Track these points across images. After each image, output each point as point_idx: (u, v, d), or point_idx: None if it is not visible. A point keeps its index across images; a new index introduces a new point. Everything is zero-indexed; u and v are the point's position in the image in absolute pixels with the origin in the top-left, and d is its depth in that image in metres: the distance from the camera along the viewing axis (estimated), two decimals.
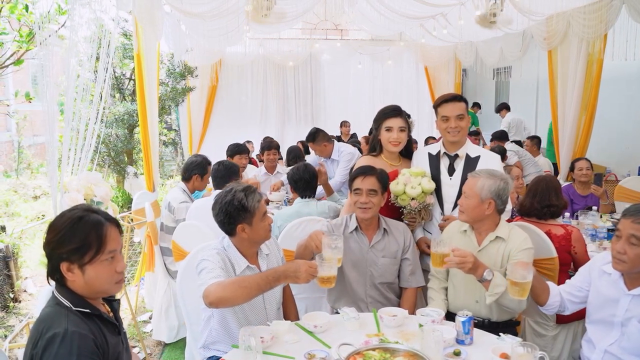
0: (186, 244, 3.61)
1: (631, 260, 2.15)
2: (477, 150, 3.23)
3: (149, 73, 4.73)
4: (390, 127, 3.27)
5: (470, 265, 2.45)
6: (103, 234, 1.76)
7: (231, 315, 2.49)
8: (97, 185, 3.36)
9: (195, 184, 4.33)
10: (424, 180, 3.10)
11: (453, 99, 3.14)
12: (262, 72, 10.62)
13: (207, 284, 2.26)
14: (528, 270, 2.25)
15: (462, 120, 3.10)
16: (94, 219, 1.77)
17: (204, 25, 6.05)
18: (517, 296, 2.29)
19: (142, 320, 4.70)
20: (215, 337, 2.54)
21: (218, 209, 2.48)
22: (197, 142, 9.18)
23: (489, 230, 2.73)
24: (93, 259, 1.74)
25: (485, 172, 2.72)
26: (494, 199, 2.65)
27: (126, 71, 7.84)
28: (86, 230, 1.74)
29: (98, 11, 4.20)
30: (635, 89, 8.14)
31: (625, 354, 2.24)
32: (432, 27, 7.73)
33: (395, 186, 3.10)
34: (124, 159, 7.57)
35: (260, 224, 2.50)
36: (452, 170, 3.18)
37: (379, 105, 12.98)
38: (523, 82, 10.68)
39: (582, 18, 5.52)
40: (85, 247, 1.73)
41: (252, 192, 2.49)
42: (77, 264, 1.74)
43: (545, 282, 2.57)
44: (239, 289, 2.22)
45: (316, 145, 5.66)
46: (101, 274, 1.77)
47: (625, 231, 2.16)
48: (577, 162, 5.05)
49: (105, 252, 1.76)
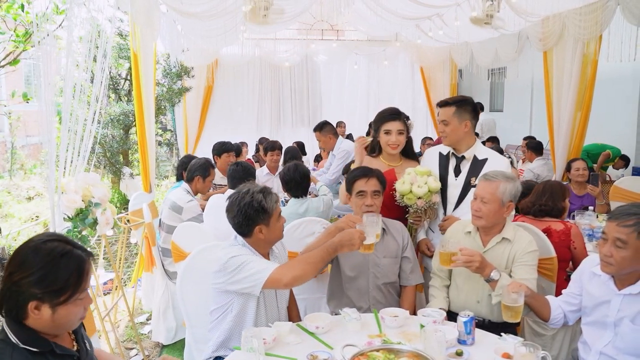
0: (186, 244, 3.60)
1: (618, 263, 2.17)
2: (485, 152, 3.23)
3: (145, 73, 4.71)
4: (389, 130, 3.30)
5: (477, 264, 2.50)
6: (84, 273, 1.63)
7: (251, 312, 2.48)
8: (95, 186, 3.33)
9: (197, 186, 4.32)
10: (430, 179, 3.11)
11: (440, 105, 3.22)
12: (258, 72, 10.58)
13: (268, 270, 2.33)
14: (519, 294, 2.29)
15: (446, 125, 3.14)
16: (77, 256, 1.62)
17: (200, 25, 6.04)
18: (511, 319, 2.31)
19: (140, 321, 4.68)
20: (229, 336, 2.51)
21: (236, 210, 2.46)
22: (193, 143, 9.15)
23: (495, 232, 2.75)
24: (69, 299, 1.59)
25: (500, 175, 2.72)
26: (513, 201, 2.69)
27: (121, 71, 7.80)
28: (70, 269, 1.59)
29: (94, 11, 4.18)
30: (629, 90, 8.19)
31: (620, 354, 2.25)
32: (428, 28, 7.74)
33: (402, 185, 3.11)
34: (119, 159, 7.54)
35: (277, 224, 2.53)
36: (458, 171, 3.20)
37: (375, 105, 13.04)
38: (518, 82, 10.71)
39: (578, 19, 5.54)
40: (65, 288, 1.58)
41: (269, 193, 2.51)
42: (49, 303, 1.57)
43: (542, 297, 2.57)
44: (307, 265, 2.37)
45: (322, 135, 5.80)
46: (72, 313, 1.63)
47: (611, 234, 2.18)
48: (574, 163, 5.08)
49: (82, 291, 1.63)
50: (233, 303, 2.46)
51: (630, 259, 2.15)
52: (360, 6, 6.54)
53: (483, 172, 2.98)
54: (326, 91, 11.78)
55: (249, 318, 2.48)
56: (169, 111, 9.10)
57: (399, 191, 3.12)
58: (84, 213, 3.23)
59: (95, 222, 3.26)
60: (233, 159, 5.80)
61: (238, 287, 2.39)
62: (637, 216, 2.13)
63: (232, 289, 2.41)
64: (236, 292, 2.43)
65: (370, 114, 11.56)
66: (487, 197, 2.67)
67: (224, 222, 3.72)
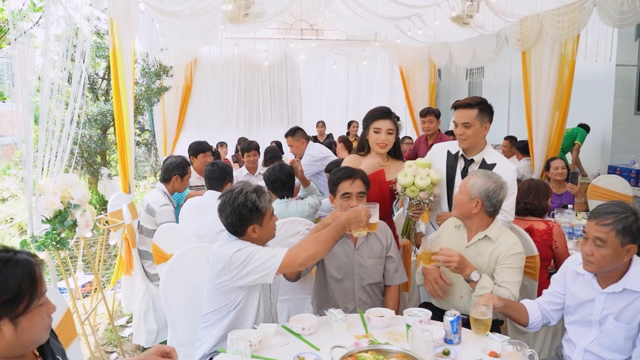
0: (168, 246, 3.55)
1: (598, 262, 2.21)
2: (495, 157, 3.21)
3: (124, 72, 4.64)
4: (378, 128, 3.28)
5: (455, 264, 2.55)
6: (37, 276, 1.49)
7: (254, 306, 2.47)
8: (75, 187, 3.26)
9: (175, 185, 4.25)
10: (432, 171, 3.10)
11: (462, 106, 3.12)
12: (237, 72, 10.54)
13: (281, 255, 2.36)
14: (488, 307, 2.31)
15: (467, 128, 3.09)
16: (22, 261, 1.48)
17: (179, 24, 5.97)
18: (480, 332, 2.32)
19: (120, 324, 4.60)
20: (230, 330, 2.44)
21: (230, 210, 2.44)
22: (172, 143, 9.05)
23: (478, 229, 2.78)
24: (27, 308, 1.45)
25: (482, 173, 2.77)
26: (482, 199, 2.70)
27: (98, 70, 7.68)
28: (18, 275, 1.44)
29: (70, 9, 4.10)
30: (604, 89, 8.34)
31: (604, 351, 2.28)
32: (408, 28, 7.79)
33: (404, 178, 3.08)
34: (96, 160, 7.41)
35: (270, 223, 2.55)
36: (465, 174, 3.16)
37: (354, 105, 13.03)
38: (495, 82, 10.84)
39: (555, 20, 5.62)
40: (20, 296, 1.44)
41: (263, 193, 2.52)
42: (7, 317, 1.43)
43: (518, 304, 2.58)
44: (318, 244, 2.44)
45: (294, 140, 5.79)
46: (36, 323, 1.49)
47: (591, 233, 2.22)
48: (553, 162, 5.15)
49: (40, 296, 1.50)
50: (236, 300, 2.43)
51: (610, 257, 2.18)
52: (339, 6, 6.55)
53: None
54: (305, 90, 11.78)
55: (251, 311, 2.47)
56: (147, 111, 8.98)
57: (402, 184, 3.09)
58: (63, 215, 3.16)
59: (74, 224, 3.19)
60: (210, 159, 5.75)
61: (248, 279, 2.36)
62: (615, 215, 2.17)
63: (241, 283, 2.37)
64: (242, 288, 2.40)
65: (349, 114, 11.60)
66: (461, 187, 2.79)
67: (205, 224, 3.72)
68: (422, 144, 6.06)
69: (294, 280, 2.95)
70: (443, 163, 3.28)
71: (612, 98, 8.32)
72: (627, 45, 8.15)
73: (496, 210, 2.76)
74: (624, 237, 2.15)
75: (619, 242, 2.15)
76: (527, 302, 2.59)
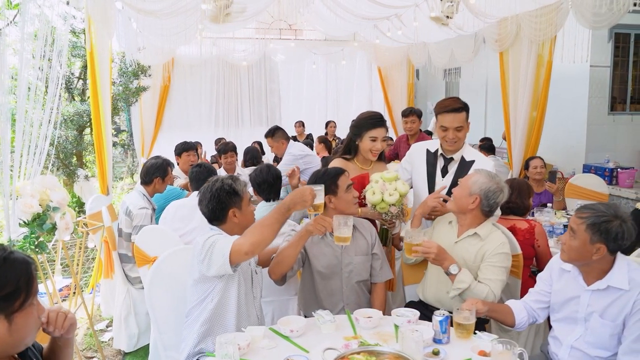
0: (150, 248, 3.49)
1: (567, 251, 2.29)
2: (473, 154, 3.26)
3: (102, 72, 4.56)
4: (375, 137, 3.25)
5: (433, 255, 2.64)
6: (32, 275, 1.53)
7: (232, 303, 2.48)
8: (54, 189, 3.19)
9: (157, 187, 4.19)
10: (399, 183, 3.04)
11: (454, 110, 3.11)
12: (216, 71, 10.45)
13: (229, 244, 2.34)
14: (471, 312, 2.33)
15: (460, 131, 3.12)
16: (20, 258, 1.52)
17: (157, 23, 5.88)
18: (462, 337, 2.33)
19: (99, 329, 4.51)
20: (211, 326, 2.48)
21: (209, 196, 2.52)
22: (149, 144, 8.92)
23: (470, 226, 2.82)
24: (23, 305, 1.49)
25: (486, 173, 2.81)
26: (480, 197, 2.75)
27: (74, 70, 7.52)
28: (17, 271, 1.48)
29: (46, 7, 4.00)
30: (579, 90, 8.48)
31: (590, 348, 2.31)
32: (387, 28, 7.81)
33: (372, 197, 3.03)
34: (72, 161, 7.26)
35: (248, 209, 2.61)
36: (445, 172, 3.21)
37: (334, 105, 12.97)
38: (473, 82, 10.94)
39: (533, 21, 5.69)
40: (17, 292, 1.47)
41: (237, 179, 2.60)
42: (3, 314, 1.45)
43: (503, 306, 2.61)
44: (262, 228, 2.38)
45: (274, 141, 5.75)
46: (29, 322, 1.52)
47: (570, 223, 2.31)
48: (532, 161, 5.23)
49: (34, 295, 1.53)
50: (215, 289, 2.45)
51: (577, 249, 2.24)
52: (319, 6, 6.53)
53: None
54: (285, 90, 11.75)
55: (232, 304, 2.48)
56: (124, 111, 8.84)
57: (371, 202, 3.05)
58: (41, 218, 3.09)
59: (54, 227, 3.12)
60: (194, 158, 5.70)
61: (214, 269, 2.38)
62: (593, 211, 2.23)
63: (211, 274, 2.40)
64: (217, 277, 2.43)
65: (328, 114, 11.60)
66: (462, 182, 2.85)
67: (193, 224, 3.67)
68: (403, 144, 6.09)
69: (281, 283, 2.92)
70: (423, 161, 3.31)
71: (587, 98, 8.46)
72: (601, 47, 8.30)
73: (491, 211, 2.81)
74: (593, 234, 2.19)
75: (588, 238, 2.20)
76: (512, 302, 2.62)
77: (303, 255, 2.96)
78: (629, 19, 7.72)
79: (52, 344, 1.78)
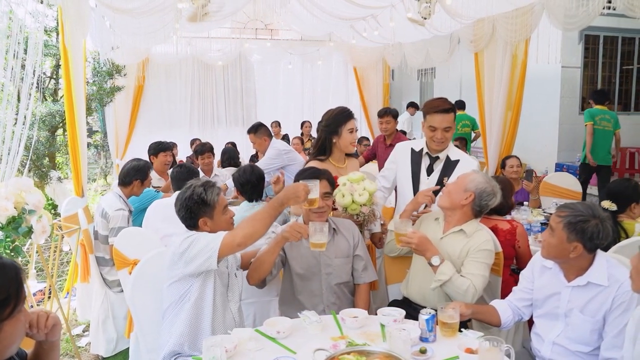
0: (130, 251, 3.42)
1: (546, 247, 2.34)
2: (457, 154, 3.29)
3: (76, 71, 4.46)
4: (352, 128, 3.30)
5: (414, 245, 2.67)
6: (21, 281, 1.50)
7: (209, 296, 2.47)
8: (29, 192, 3.10)
9: (134, 190, 4.11)
10: (366, 182, 3.08)
11: (443, 111, 3.13)
12: (191, 71, 10.37)
13: (219, 237, 2.37)
14: (455, 310, 2.36)
15: (448, 132, 3.15)
16: (10, 264, 1.48)
17: (131, 22, 5.78)
18: (447, 335, 2.34)
19: (76, 334, 4.41)
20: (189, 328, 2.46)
21: (179, 205, 2.53)
22: (123, 144, 8.78)
23: (457, 223, 2.85)
24: (14, 311, 1.45)
25: (483, 174, 2.88)
26: (475, 195, 2.78)
27: (45, 69, 7.34)
28: (8, 277, 1.45)
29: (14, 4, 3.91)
30: (552, 90, 8.66)
31: (572, 343, 2.35)
32: (363, 29, 7.83)
33: (342, 199, 3.05)
34: (45, 162, 7.07)
35: (222, 217, 2.58)
36: (431, 171, 3.24)
37: (310, 105, 12.95)
38: (447, 82, 11.06)
39: (507, 22, 5.77)
40: (7, 299, 1.43)
41: (211, 187, 2.55)
42: None
43: (488, 307, 2.64)
44: (255, 222, 2.40)
45: (257, 138, 5.71)
46: (17, 329, 1.49)
47: (550, 222, 2.35)
48: (508, 160, 5.30)
49: (23, 301, 1.50)
50: (191, 289, 2.44)
51: (555, 246, 2.28)
52: (295, 6, 6.50)
53: (455, 173, 3.06)
54: (260, 91, 11.70)
55: (207, 303, 2.47)
56: (97, 112, 8.67)
57: (342, 205, 3.07)
58: (17, 221, 3.00)
59: (30, 230, 3.04)
60: (170, 159, 5.62)
61: (195, 265, 2.38)
62: (572, 211, 2.27)
63: (189, 270, 2.40)
64: (194, 275, 2.42)
65: (304, 114, 11.58)
66: (458, 179, 2.88)
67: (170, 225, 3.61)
68: (381, 144, 6.12)
69: (261, 287, 2.90)
70: (407, 161, 3.33)
71: (558, 98, 8.64)
72: (572, 48, 8.49)
73: (481, 211, 2.85)
74: (570, 233, 2.23)
75: (565, 236, 2.24)
76: (496, 302, 2.66)
77: (282, 257, 2.94)
78: (599, 21, 7.89)
79: (37, 349, 1.72)
